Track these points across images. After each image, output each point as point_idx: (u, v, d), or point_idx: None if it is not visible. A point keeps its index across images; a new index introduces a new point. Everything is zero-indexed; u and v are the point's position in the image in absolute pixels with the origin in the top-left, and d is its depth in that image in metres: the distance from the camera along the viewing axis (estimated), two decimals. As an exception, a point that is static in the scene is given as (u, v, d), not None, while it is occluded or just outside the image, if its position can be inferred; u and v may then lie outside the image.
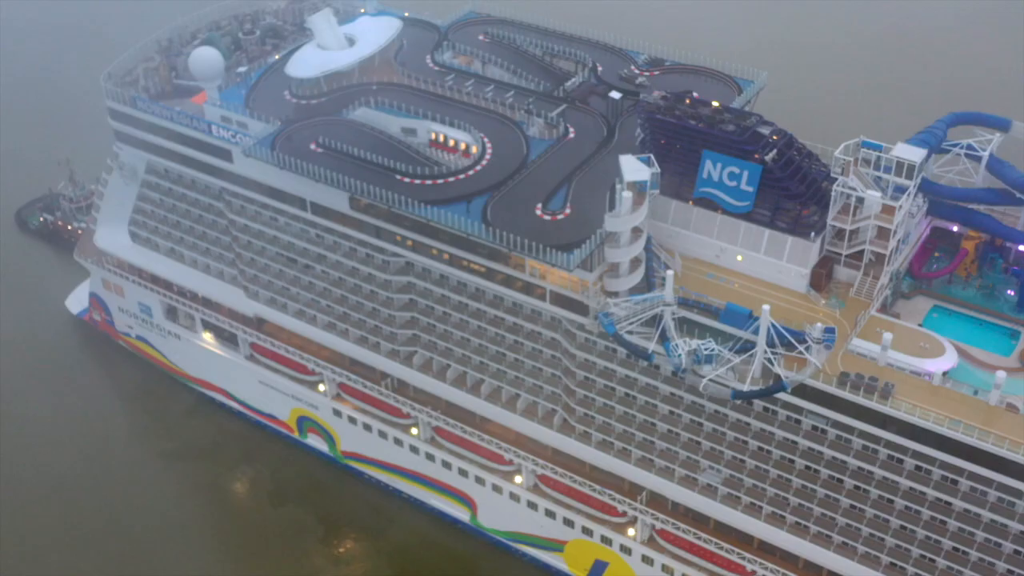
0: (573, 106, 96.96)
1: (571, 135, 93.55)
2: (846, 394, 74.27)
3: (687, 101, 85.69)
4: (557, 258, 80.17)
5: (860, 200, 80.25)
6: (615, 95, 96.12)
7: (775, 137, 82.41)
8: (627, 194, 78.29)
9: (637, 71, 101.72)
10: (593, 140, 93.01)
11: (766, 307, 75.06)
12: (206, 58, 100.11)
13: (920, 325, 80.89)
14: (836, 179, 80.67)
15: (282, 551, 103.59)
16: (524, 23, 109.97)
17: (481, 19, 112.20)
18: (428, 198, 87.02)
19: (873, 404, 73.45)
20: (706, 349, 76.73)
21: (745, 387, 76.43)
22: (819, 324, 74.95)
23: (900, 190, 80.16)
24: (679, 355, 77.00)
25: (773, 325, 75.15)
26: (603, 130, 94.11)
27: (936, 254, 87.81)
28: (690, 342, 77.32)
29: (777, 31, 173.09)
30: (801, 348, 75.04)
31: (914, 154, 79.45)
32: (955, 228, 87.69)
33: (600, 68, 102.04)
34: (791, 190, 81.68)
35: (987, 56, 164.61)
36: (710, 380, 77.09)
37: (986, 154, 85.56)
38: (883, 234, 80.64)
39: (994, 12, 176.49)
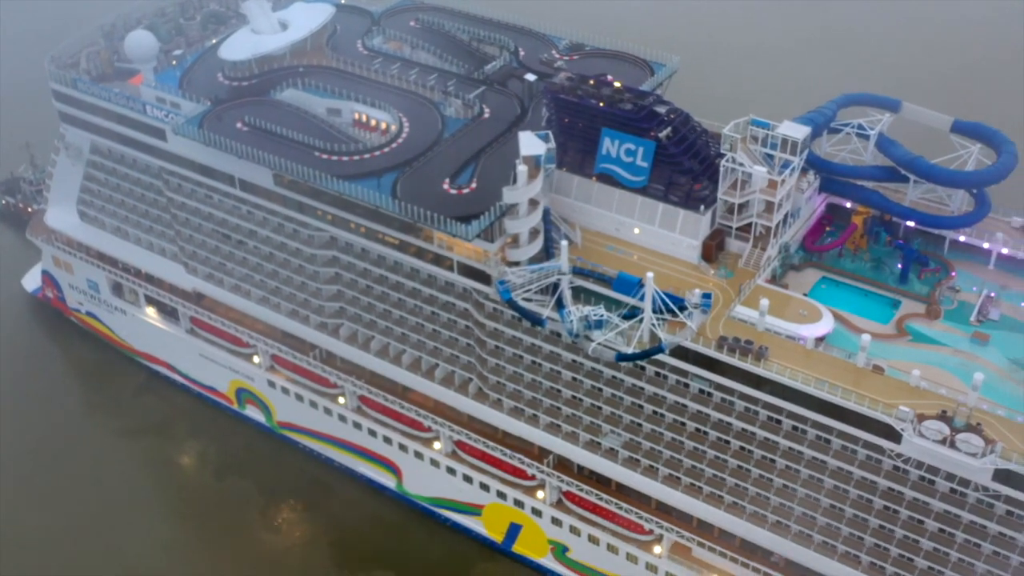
0: (491, 88, 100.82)
1: (486, 115, 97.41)
2: (723, 356, 78.12)
3: (591, 82, 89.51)
4: (457, 228, 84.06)
5: (748, 175, 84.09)
6: (530, 77, 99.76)
7: (671, 116, 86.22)
8: (523, 167, 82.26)
9: (557, 55, 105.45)
10: (506, 120, 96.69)
11: (650, 275, 79.02)
12: (140, 41, 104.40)
13: (806, 295, 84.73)
14: (726, 155, 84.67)
15: (226, 523, 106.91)
16: (454, 10, 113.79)
17: (414, 6, 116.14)
18: (344, 173, 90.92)
19: (747, 365, 77.22)
20: (596, 315, 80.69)
21: (630, 350, 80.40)
22: (697, 290, 78.89)
23: (787, 166, 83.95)
24: (571, 321, 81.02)
25: (657, 292, 79.11)
26: (517, 110, 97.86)
27: (829, 228, 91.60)
28: (582, 309, 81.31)
29: (700, 20, 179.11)
30: (682, 314, 79.02)
31: (798, 131, 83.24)
32: (849, 205, 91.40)
33: (522, 52, 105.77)
34: (683, 166, 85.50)
35: (885, 43, 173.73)
36: (598, 344, 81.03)
37: (875, 133, 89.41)
38: (770, 208, 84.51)
39: (893, 6, 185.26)
